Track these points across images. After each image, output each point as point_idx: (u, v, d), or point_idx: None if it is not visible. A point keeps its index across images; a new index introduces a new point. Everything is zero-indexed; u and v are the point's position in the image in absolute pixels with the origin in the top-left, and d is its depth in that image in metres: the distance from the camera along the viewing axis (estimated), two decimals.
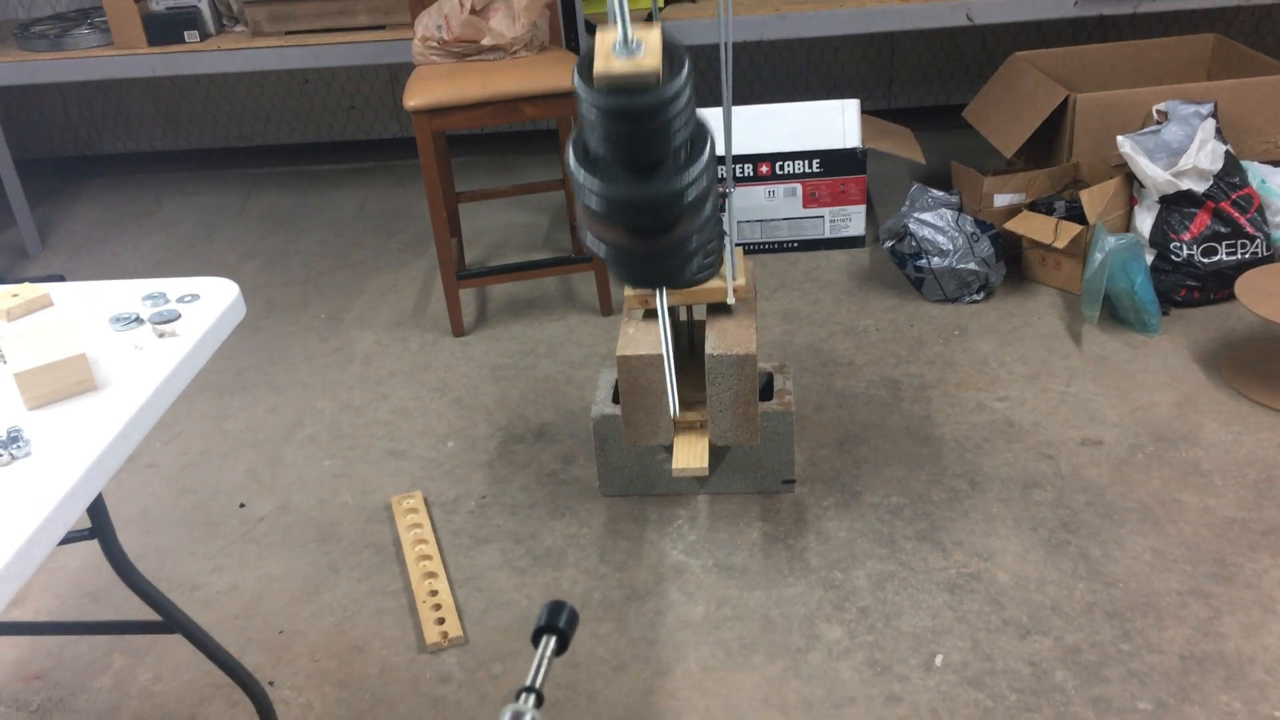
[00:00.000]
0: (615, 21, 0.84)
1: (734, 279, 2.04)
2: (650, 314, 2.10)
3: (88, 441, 1.11)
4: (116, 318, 1.34)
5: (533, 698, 0.52)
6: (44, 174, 4.22)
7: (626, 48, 0.82)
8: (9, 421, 1.14)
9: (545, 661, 0.55)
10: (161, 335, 1.31)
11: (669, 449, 2.07)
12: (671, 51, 0.85)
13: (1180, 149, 2.64)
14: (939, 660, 1.75)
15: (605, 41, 0.84)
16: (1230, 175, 2.63)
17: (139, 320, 1.34)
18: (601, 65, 0.81)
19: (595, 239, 0.95)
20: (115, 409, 1.16)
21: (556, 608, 0.60)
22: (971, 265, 2.73)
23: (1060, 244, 2.69)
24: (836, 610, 1.87)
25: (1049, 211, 2.80)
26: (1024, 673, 1.71)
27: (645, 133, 0.84)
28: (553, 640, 0.58)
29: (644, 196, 0.88)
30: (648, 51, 0.82)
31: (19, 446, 1.09)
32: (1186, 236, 2.61)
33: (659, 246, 0.93)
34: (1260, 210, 2.65)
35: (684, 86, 0.84)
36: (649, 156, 0.87)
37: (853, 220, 3.14)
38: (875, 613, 1.86)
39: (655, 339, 2.01)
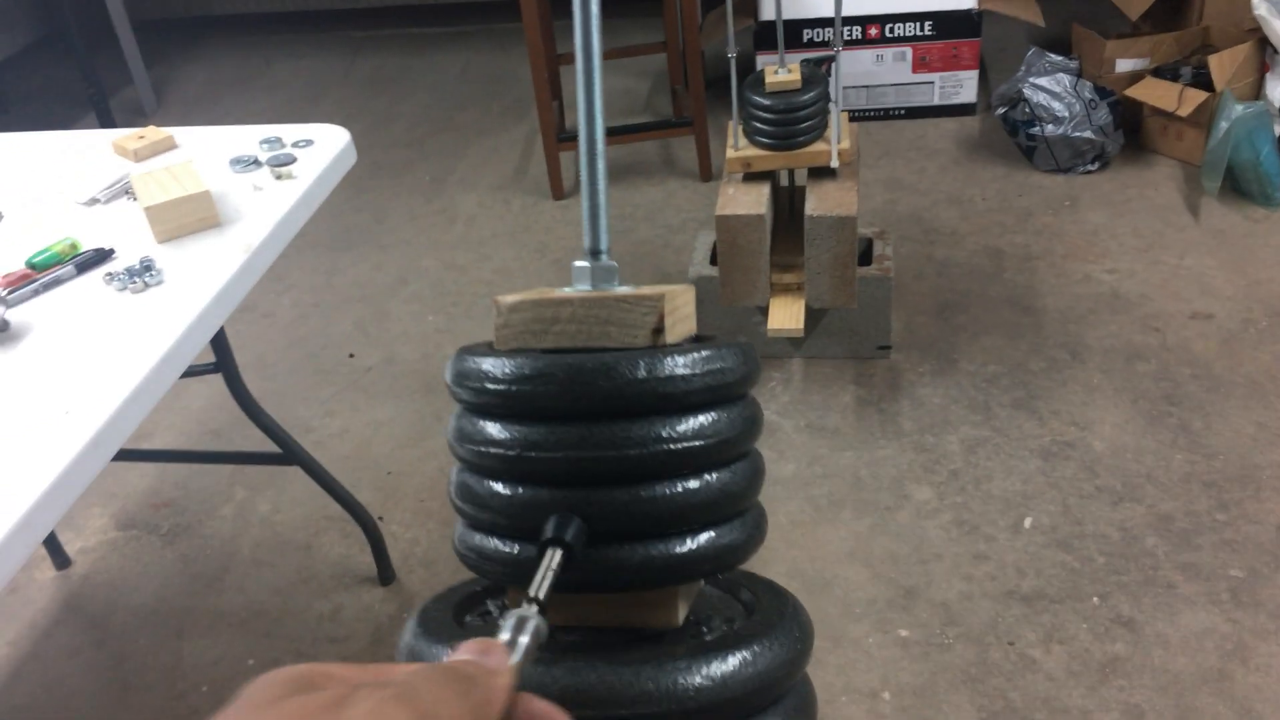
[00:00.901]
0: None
1: (838, 142, 2.01)
2: (751, 176, 2.09)
3: (213, 273, 1.17)
4: (236, 159, 1.40)
5: (535, 606, 0.43)
6: (159, 35, 4.30)
7: (597, 282, 0.53)
8: (141, 252, 1.21)
9: (549, 572, 0.46)
10: (279, 177, 1.36)
11: (765, 310, 2.09)
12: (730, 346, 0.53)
13: None
14: (1028, 523, 1.77)
15: (545, 290, 0.55)
16: None
17: (257, 162, 1.39)
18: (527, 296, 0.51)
19: None
20: (238, 244, 1.22)
21: (564, 520, 0.47)
22: (1087, 133, 2.63)
23: (1184, 112, 2.57)
24: (927, 472, 1.89)
25: (1174, 78, 2.67)
26: (1114, 537, 1.72)
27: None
28: (558, 553, 0.47)
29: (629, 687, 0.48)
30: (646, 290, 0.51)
31: (151, 275, 1.16)
32: None
33: None
34: None
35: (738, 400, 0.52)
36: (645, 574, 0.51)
37: (964, 86, 3.04)
38: (965, 476, 1.87)
39: (756, 198, 2.00)
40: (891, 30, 2.98)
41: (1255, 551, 1.66)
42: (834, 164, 2.03)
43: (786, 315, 2.02)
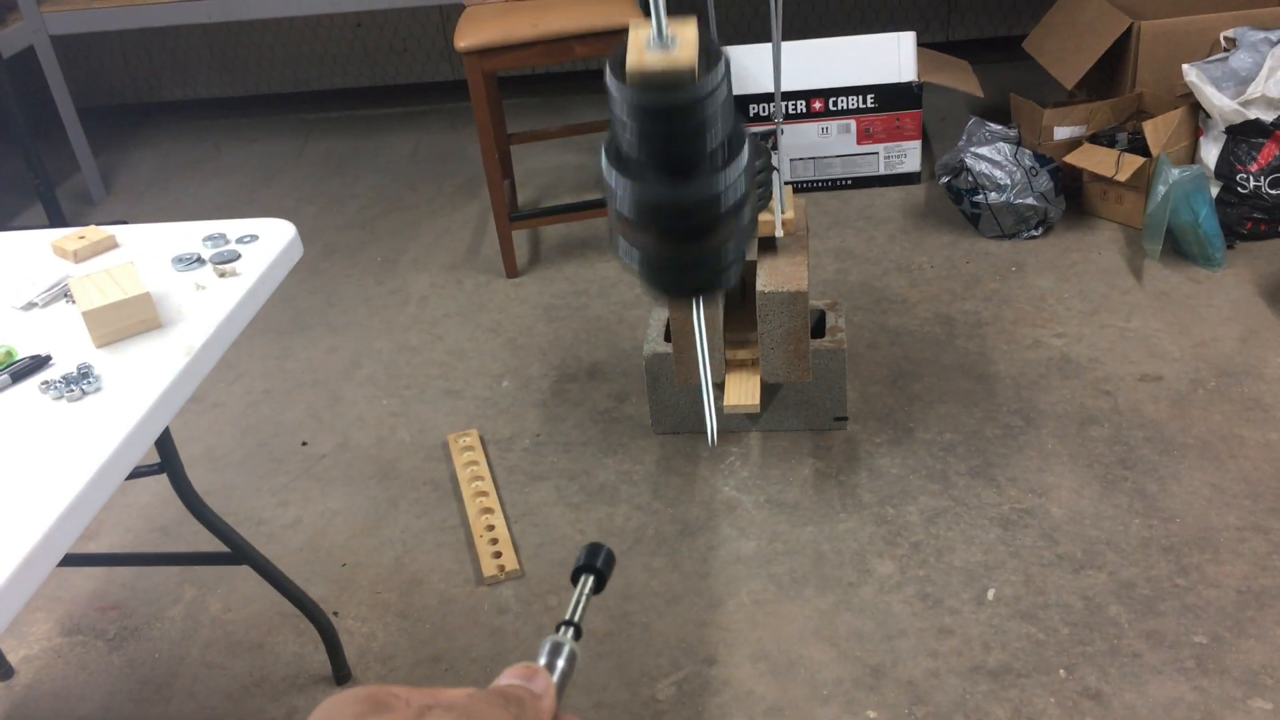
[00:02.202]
0: (651, 16, 0.83)
1: (782, 212, 2.03)
2: None
3: (154, 376, 1.15)
4: (179, 258, 1.38)
5: (571, 630, 0.53)
6: (105, 121, 4.29)
7: (661, 43, 0.81)
8: (79, 358, 1.18)
9: (584, 597, 0.58)
10: (223, 274, 1.34)
11: (721, 387, 2.08)
12: (708, 48, 0.84)
13: (1249, 77, 2.56)
14: (991, 594, 1.76)
15: (639, 37, 0.83)
16: None
17: (200, 260, 1.37)
18: (635, 60, 0.81)
19: (628, 247, 0.93)
20: (179, 346, 1.20)
21: (594, 549, 0.62)
22: (1030, 200, 2.68)
23: (1122, 177, 2.63)
24: (888, 545, 1.88)
25: (1111, 144, 2.73)
26: (1077, 606, 1.71)
27: (680, 132, 0.83)
28: (590, 579, 0.60)
29: (679, 199, 0.86)
30: (683, 46, 0.81)
31: (89, 382, 1.13)
32: (1254, 167, 2.54)
33: (695, 253, 0.90)
34: None
35: (720, 84, 0.83)
36: (684, 158, 0.85)
37: (908, 156, 3.09)
38: (927, 548, 1.87)
39: None
40: (835, 103, 3.03)
41: (1217, 616, 1.66)
42: (779, 234, 2.04)
43: (742, 391, 2.02)
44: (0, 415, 1.11)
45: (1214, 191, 2.58)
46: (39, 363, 1.17)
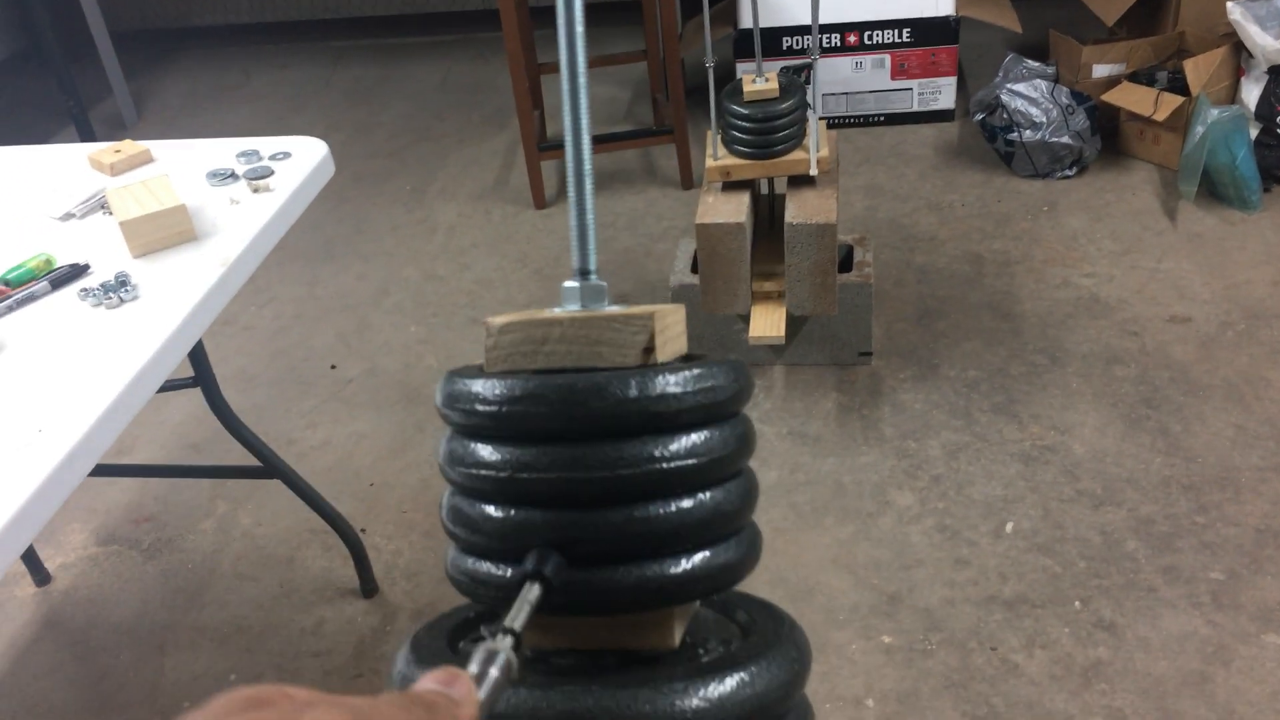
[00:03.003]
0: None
1: (817, 150, 2.02)
2: (731, 185, 2.09)
3: (189, 287, 1.17)
4: (213, 173, 1.39)
5: (509, 637, 0.42)
6: (138, 46, 4.28)
7: (586, 301, 0.52)
8: (117, 267, 1.20)
9: (525, 606, 0.45)
10: (256, 190, 1.35)
11: (746, 318, 2.09)
12: (737, 373, 0.53)
13: None
14: (1009, 527, 1.77)
15: (535, 311, 0.53)
16: None
17: (234, 176, 1.38)
18: (518, 317, 0.52)
19: None
20: (214, 258, 1.22)
21: (542, 555, 0.47)
22: (1065, 139, 2.65)
23: (1160, 116, 2.59)
24: (909, 478, 1.90)
25: (1150, 83, 2.69)
26: (1095, 541, 1.72)
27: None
28: (535, 587, 0.46)
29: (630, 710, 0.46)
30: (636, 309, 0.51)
31: (127, 290, 1.15)
32: None
33: None
34: None
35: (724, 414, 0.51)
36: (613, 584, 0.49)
37: (942, 93, 3.05)
38: (947, 481, 1.88)
39: (736, 207, 2.01)
40: (870, 37, 2.99)
41: (1235, 554, 1.67)
42: (813, 172, 2.03)
43: (767, 323, 2.03)
44: (39, 321, 1.14)
45: (1253, 133, 2.53)
46: (78, 271, 1.19)
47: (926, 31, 2.96)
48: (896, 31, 2.98)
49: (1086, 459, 1.88)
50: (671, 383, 0.47)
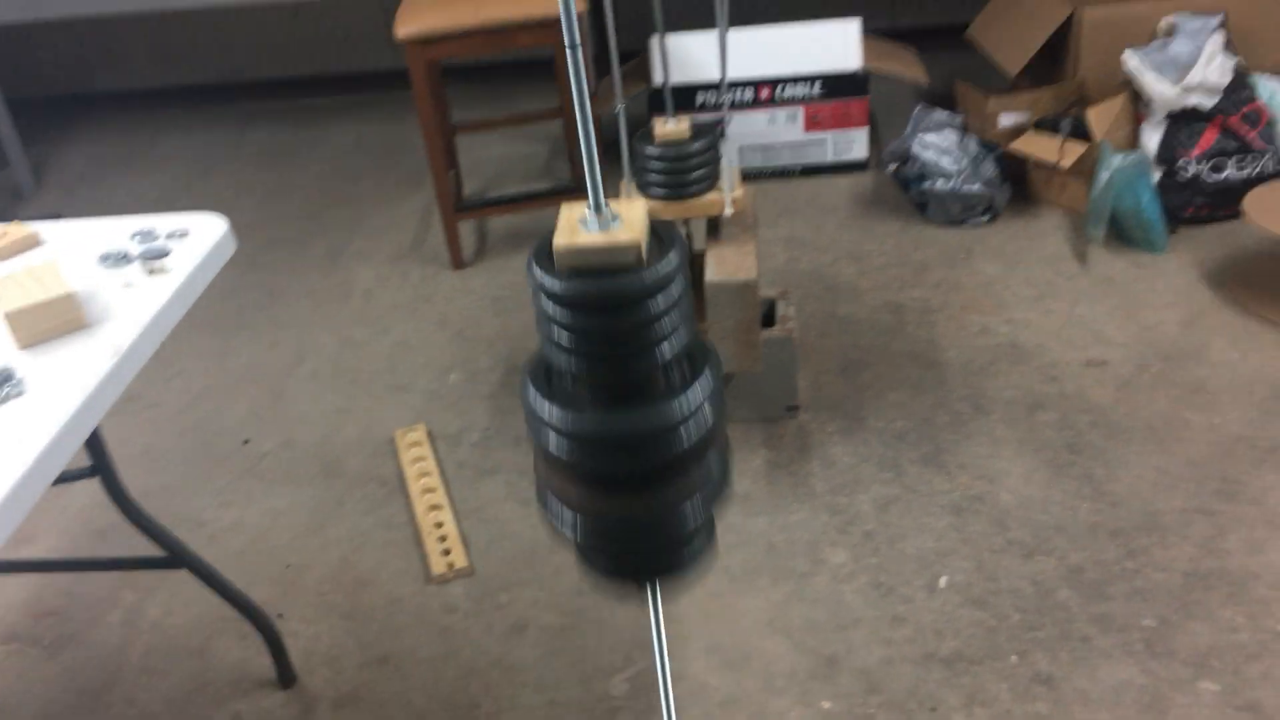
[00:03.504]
0: (588, 185, 0.65)
1: (731, 189, 2.01)
2: None
3: (80, 379, 1.10)
4: (106, 255, 1.33)
5: None
6: (37, 113, 4.16)
7: (600, 220, 0.65)
8: (1, 361, 1.13)
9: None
10: (151, 272, 1.29)
11: None
12: (660, 232, 0.68)
13: (1188, 63, 2.58)
14: (943, 581, 1.76)
15: (572, 214, 0.66)
16: (1239, 89, 2.58)
17: (128, 258, 1.32)
18: (566, 239, 0.64)
19: (559, 506, 0.69)
20: (106, 346, 1.15)
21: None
22: (976, 187, 2.69)
23: (1066, 164, 2.64)
24: (841, 534, 1.88)
25: (1054, 131, 2.75)
26: (1027, 592, 1.72)
27: (623, 334, 0.64)
28: None
29: (624, 428, 0.64)
30: (627, 224, 0.65)
31: (12, 385, 1.08)
32: (1194, 153, 2.57)
33: (646, 512, 0.67)
34: (1270, 124, 2.60)
35: (675, 275, 0.65)
36: (630, 371, 0.65)
37: (856, 143, 3.09)
38: (879, 536, 1.86)
39: None
40: (782, 92, 3.02)
41: (1165, 599, 1.67)
42: (728, 212, 2.02)
43: None
44: None
45: (1155, 177, 2.60)
46: None
47: (837, 85, 3.00)
48: (808, 85, 3.01)
49: (1015, 507, 1.88)
50: (658, 273, 0.66)
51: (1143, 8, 2.84)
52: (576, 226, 0.65)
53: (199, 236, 1.37)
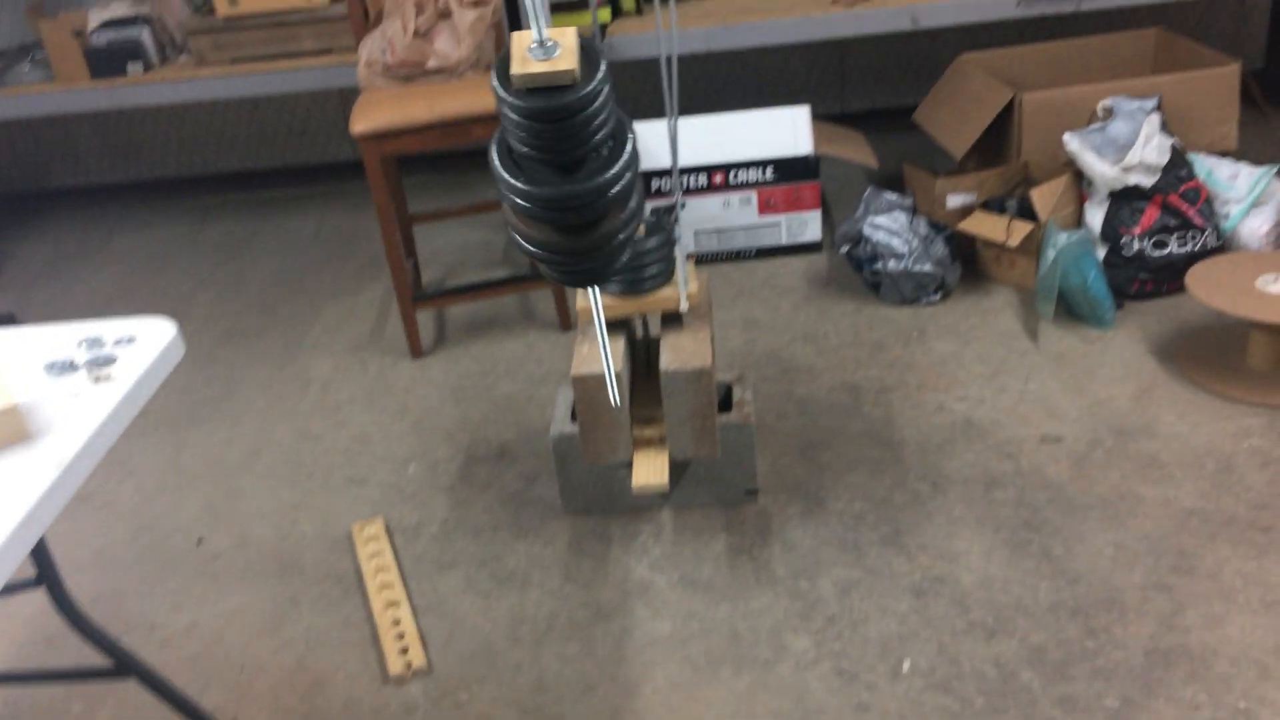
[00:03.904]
0: (531, 23, 0.87)
1: (685, 285, 2.03)
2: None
3: (21, 493, 1.09)
4: (52, 364, 1.32)
5: None
6: None
7: (543, 48, 0.86)
8: None
9: None
10: (97, 380, 1.28)
11: (629, 466, 2.06)
12: (588, 51, 0.89)
13: (1127, 144, 2.66)
14: (906, 666, 1.75)
15: (521, 43, 0.88)
16: (1177, 168, 2.66)
17: (74, 366, 1.31)
18: (518, 66, 0.86)
19: (523, 238, 0.99)
20: (49, 460, 1.14)
21: None
22: (927, 267, 2.74)
23: (1013, 243, 2.70)
24: (803, 620, 1.87)
25: (1001, 210, 2.81)
26: (990, 675, 1.71)
27: (566, 131, 0.89)
28: None
29: (568, 193, 0.91)
30: (564, 52, 0.86)
31: None
32: (1137, 230, 2.63)
33: (586, 243, 0.96)
34: (1208, 202, 2.67)
35: (601, 85, 0.89)
36: (571, 155, 0.92)
37: (809, 225, 3.14)
38: (842, 620, 1.85)
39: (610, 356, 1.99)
40: (735, 177, 3.08)
41: (1127, 678, 1.67)
42: (683, 308, 2.05)
43: (650, 470, 2.00)
44: None
45: (1101, 254, 2.66)
46: None
47: (788, 169, 3.06)
48: (760, 170, 3.07)
49: (975, 588, 1.89)
50: (590, 87, 0.91)
51: (1080, 91, 2.94)
52: (526, 54, 0.85)
53: (146, 342, 1.36)
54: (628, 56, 3.28)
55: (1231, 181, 2.76)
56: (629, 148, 0.94)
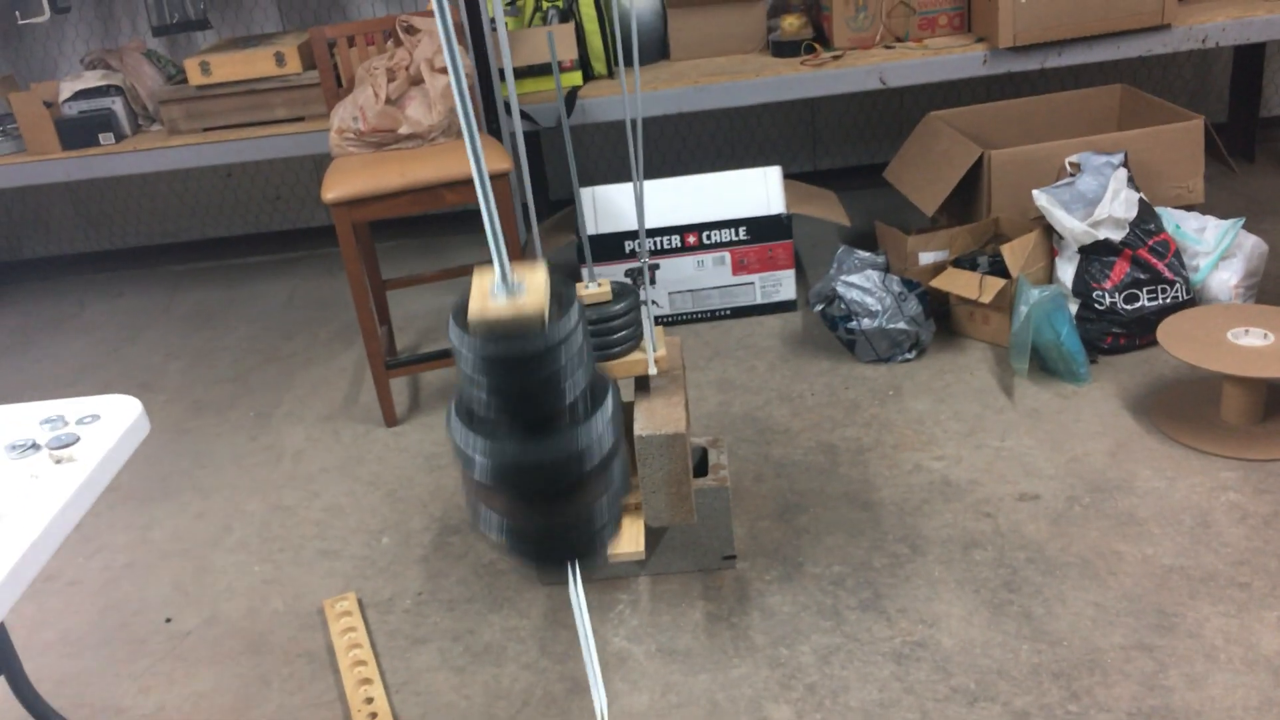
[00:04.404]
0: (494, 258, 0.76)
1: (654, 350, 2.02)
2: None
3: None
4: (13, 445, 1.29)
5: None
6: None
7: (507, 289, 0.77)
8: None
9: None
10: (59, 461, 1.26)
11: None
12: (559, 293, 0.79)
13: (1095, 199, 2.69)
14: None
15: (483, 283, 0.78)
16: (1146, 222, 2.68)
17: (35, 446, 1.29)
18: (478, 309, 0.75)
19: (488, 515, 0.83)
20: (6, 544, 1.11)
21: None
22: (901, 325, 2.74)
23: (986, 299, 2.71)
24: (783, 689, 1.83)
25: (973, 267, 2.83)
26: None
27: (533, 384, 0.77)
28: None
29: (539, 457, 0.78)
30: (531, 292, 0.76)
31: None
32: (1108, 285, 2.65)
33: (563, 517, 0.83)
34: (1177, 255, 2.70)
35: (574, 330, 0.78)
36: (540, 412, 0.79)
37: (783, 285, 3.15)
38: (822, 689, 1.82)
39: None
40: (708, 237, 3.09)
41: None
42: (651, 371, 2.03)
43: (626, 538, 1.98)
44: None
45: (1073, 309, 2.68)
46: None
47: (761, 229, 3.08)
48: (733, 230, 3.08)
49: (956, 652, 1.86)
50: (559, 332, 0.77)
51: (1047, 147, 2.97)
52: (487, 295, 0.75)
53: (110, 421, 1.34)
54: (599, 119, 3.30)
55: (1200, 235, 2.79)
56: (608, 405, 0.82)
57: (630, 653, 1.96)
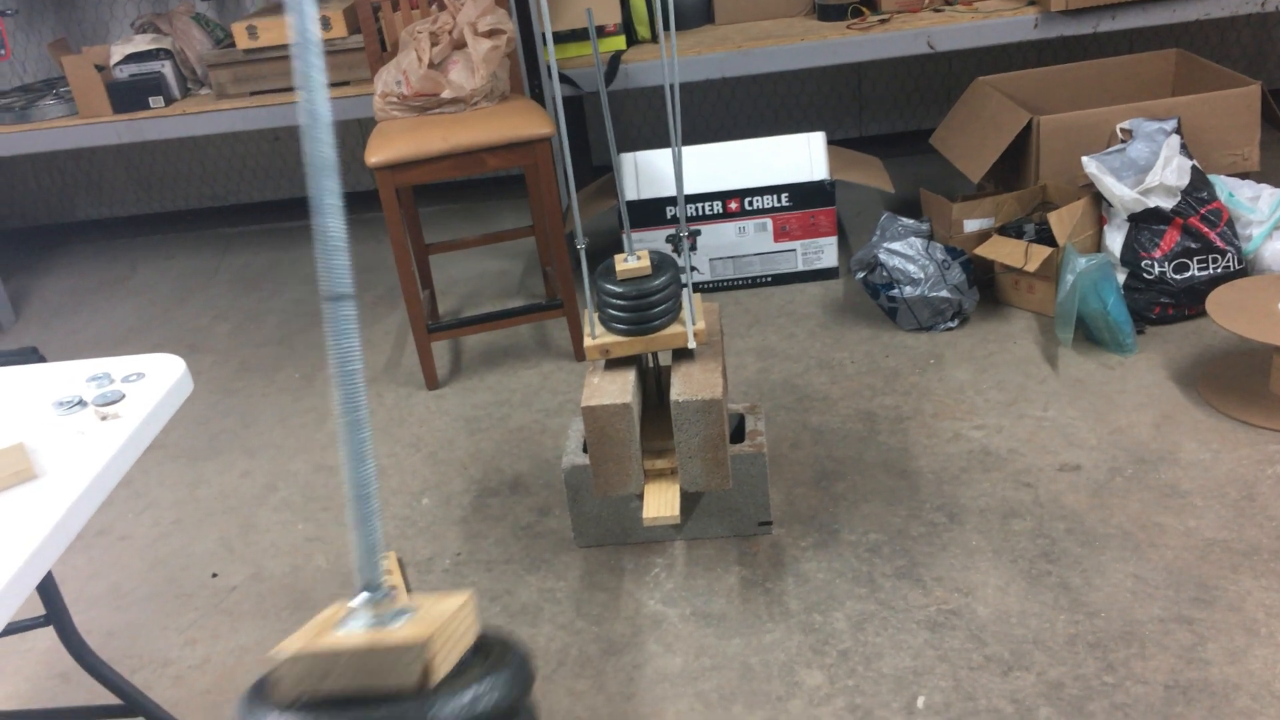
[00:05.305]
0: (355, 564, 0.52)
1: (693, 323, 2.02)
2: (615, 362, 2.08)
3: (25, 532, 1.09)
4: (60, 402, 1.32)
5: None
6: (17, 244, 4.21)
7: (373, 600, 0.52)
8: None
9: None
10: (104, 418, 1.29)
11: (641, 498, 2.05)
12: (488, 647, 0.57)
13: (1146, 166, 2.64)
14: (921, 702, 1.72)
15: (334, 613, 0.51)
16: (1198, 190, 2.63)
17: (82, 403, 1.32)
18: (304, 640, 0.49)
19: None
20: (53, 498, 1.14)
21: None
22: (944, 293, 2.71)
23: (1031, 268, 2.68)
24: (816, 654, 1.84)
25: (1019, 235, 2.79)
26: (1007, 711, 1.68)
27: None
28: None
29: None
30: (418, 622, 0.51)
31: None
32: (1157, 254, 2.60)
33: None
34: (1230, 224, 2.64)
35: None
36: None
37: (825, 252, 3.13)
38: (855, 655, 1.83)
39: (621, 387, 1.99)
40: (750, 203, 3.07)
41: (1145, 713, 1.64)
42: (691, 345, 2.04)
43: (661, 503, 1.99)
44: None
45: (1121, 278, 2.63)
46: None
47: (804, 195, 3.05)
48: (775, 197, 3.06)
49: (991, 621, 1.86)
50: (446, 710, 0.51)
51: (1098, 113, 2.92)
52: (332, 622, 0.49)
53: (155, 379, 1.37)
54: (642, 84, 3.28)
55: (1253, 203, 2.73)
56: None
57: (665, 615, 1.97)
